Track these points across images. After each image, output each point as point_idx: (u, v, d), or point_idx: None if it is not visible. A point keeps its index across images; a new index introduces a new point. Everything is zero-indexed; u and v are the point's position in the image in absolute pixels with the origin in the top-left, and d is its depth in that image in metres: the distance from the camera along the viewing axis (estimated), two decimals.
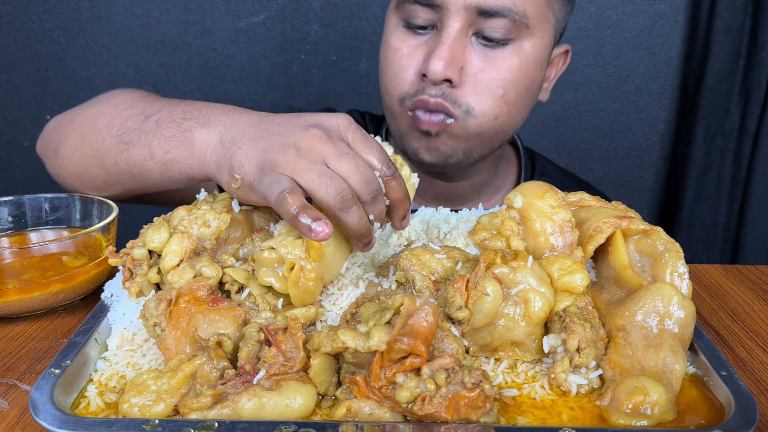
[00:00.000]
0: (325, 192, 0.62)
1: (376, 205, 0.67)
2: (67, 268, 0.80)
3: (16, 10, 1.75)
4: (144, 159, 0.81)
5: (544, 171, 1.24)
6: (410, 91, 1.00)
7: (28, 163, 1.90)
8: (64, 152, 0.94)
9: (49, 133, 1.01)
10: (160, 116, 0.81)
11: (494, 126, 1.01)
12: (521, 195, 0.73)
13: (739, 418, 0.55)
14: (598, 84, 1.84)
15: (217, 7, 1.76)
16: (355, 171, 0.65)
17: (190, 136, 0.75)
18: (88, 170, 0.91)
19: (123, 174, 0.86)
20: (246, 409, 0.55)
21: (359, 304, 0.66)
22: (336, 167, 0.64)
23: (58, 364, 0.61)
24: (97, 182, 0.92)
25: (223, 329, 0.61)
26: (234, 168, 0.67)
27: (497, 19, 0.94)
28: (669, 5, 1.76)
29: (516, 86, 0.99)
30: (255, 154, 0.66)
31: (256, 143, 0.67)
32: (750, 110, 1.70)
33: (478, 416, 0.55)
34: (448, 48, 0.95)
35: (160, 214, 0.76)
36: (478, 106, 0.98)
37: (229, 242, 0.74)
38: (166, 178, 0.81)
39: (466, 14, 0.94)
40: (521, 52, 0.98)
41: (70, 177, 0.96)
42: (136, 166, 0.83)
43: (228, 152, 0.69)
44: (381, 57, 1.06)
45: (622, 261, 0.67)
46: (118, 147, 0.84)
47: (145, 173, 0.83)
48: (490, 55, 0.97)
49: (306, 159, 0.64)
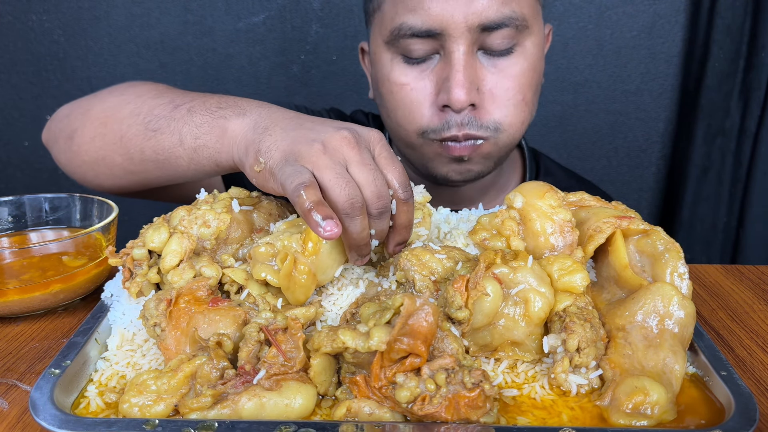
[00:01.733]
0: (338, 193, 0.63)
1: (381, 222, 0.67)
2: (67, 268, 0.81)
3: (16, 10, 1.75)
4: (173, 145, 0.81)
5: (549, 171, 1.24)
6: (431, 126, 0.98)
7: (28, 163, 1.90)
8: (81, 140, 0.93)
9: (61, 120, 0.99)
10: (192, 105, 0.82)
11: (522, 132, 1.02)
12: (521, 195, 0.73)
13: (739, 418, 0.55)
14: (598, 84, 1.84)
15: (217, 7, 1.76)
16: (371, 183, 0.65)
17: (224, 123, 0.76)
18: (108, 158, 0.90)
19: (148, 161, 0.85)
20: (246, 409, 0.55)
21: (359, 304, 0.66)
22: (355, 173, 0.65)
23: (58, 364, 0.61)
24: (116, 170, 0.90)
25: (223, 329, 0.61)
26: (260, 152, 0.69)
27: (501, 30, 0.93)
28: (669, 5, 1.76)
29: (530, 86, 0.99)
30: (284, 143, 0.68)
31: (287, 133, 0.69)
32: (750, 110, 1.70)
33: (478, 416, 0.55)
34: (463, 74, 0.93)
35: (160, 214, 0.76)
36: (505, 120, 0.98)
37: (229, 242, 0.74)
38: (194, 164, 0.81)
39: (469, 34, 0.92)
40: (526, 53, 0.98)
41: (86, 165, 0.94)
42: (163, 152, 0.83)
43: (258, 137, 0.70)
44: (383, 93, 1.02)
45: (622, 261, 0.67)
46: (145, 134, 0.84)
47: (172, 160, 0.83)
48: (499, 66, 0.96)
49: (329, 157, 0.65)
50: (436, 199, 1.14)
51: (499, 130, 0.98)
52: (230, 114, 0.77)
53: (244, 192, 0.81)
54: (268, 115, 0.74)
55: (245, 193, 0.81)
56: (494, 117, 0.97)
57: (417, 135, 1.00)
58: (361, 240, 0.66)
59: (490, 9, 0.91)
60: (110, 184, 0.94)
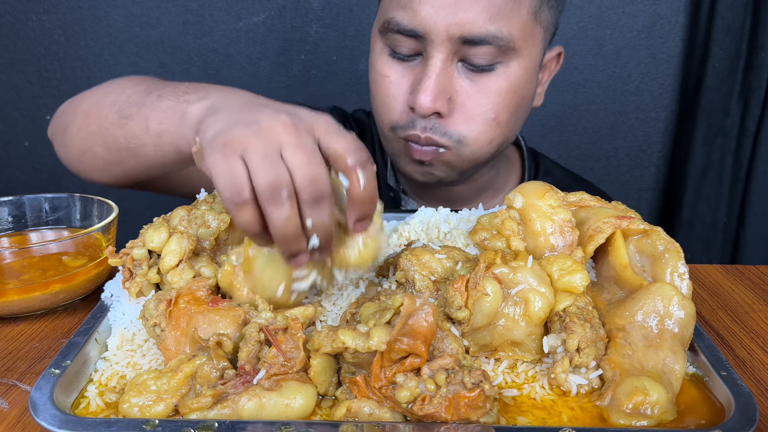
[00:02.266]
0: (260, 177, 0.56)
1: (316, 210, 0.58)
2: (67, 268, 0.81)
3: (16, 10, 1.75)
4: (140, 132, 0.80)
5: (548, 171, 1.23)
6: (400, 122, 0.99)
7: (28, 163, 1.90)
8: (71, 132, 0.93)
9: (59, 116, 1.00)
10: (163, 91, 0.80)
11: (489, 150, 1.01)
12: (521, 195, 0.73)
13: (739, 418, 0.55)
14: (598, 84, 1.84)
15: (217, 7, 1.76)
16: (304, 165, 0.57)
17: (186, 106, 0.73)
18: (91, 149, 0.90)
19: (122, 150, 0.84)
20: (246, 409, 0.55)
21: (359, 304, 0.66)
22: (287, 156, 0.58)
23: (58, 364, 0.61)
24: (99, 162, 0.90)
25: (222, 329, 0.61)
26: (199, 131, 0.65)
27: (482, 46, 0.91)
28: (669, 5, 1.76)
29: (507, 108, 0.97)
30: (220, 123, 0.63)
31: (232, 115, 0.64)
32: (750, 110, 1.70)
33: (478, 416, 0.55)
34: (434, 81, 0.92)
35: (160, 214, 0.76)
36: (470, 134, 0.97)
37: (229, 242, 0.74)
38: (159, 152, 0.79)
39: (450, 44, 0.92)
40: (509, 73, 0.95)
41: (74, 158, 0.95)
42: (133, 140, 0.81)
43: (205, 118, 0.67)
44: (370, 78, 1.04)
45: (622, 261, 0.67)
46: (119, 122, 0.83)
47: (140, 147, 0.81)
48: (478, 81, 0.95)
49: (261, 140, 0.58)
50: (433, 199, 1.14)
51: (462, 142, 0.97)
52: (194, 98, 0.74)
53: None
54: (227, 98, 0.71)
55: None
56: (459, 129, 0.96)
57: (388, 128, 1.02)
58: (288, 231, 0.58)
59: (474, 23, 0.90)
60: (98, 176, 0.93)
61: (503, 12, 0.91)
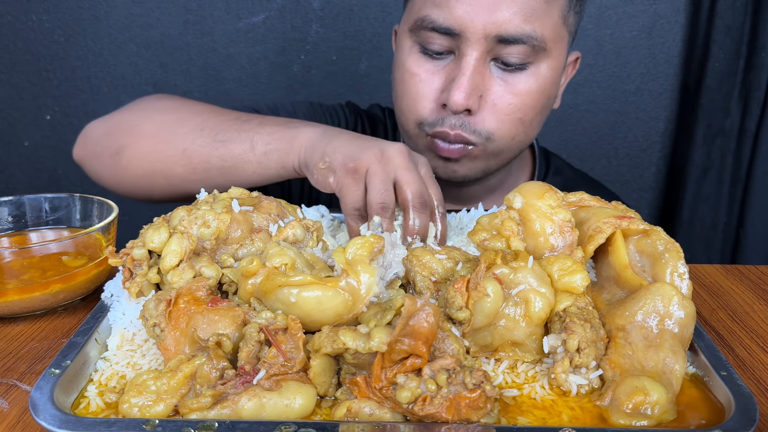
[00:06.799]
0: (374, 195, 0.77)
1: (422, 215, 0.77)
2: (67, 268, 0.80)
3: (16, 10, 1.75)
4: (243, 152, 0.93)
5: (558, 171, 1.24)
6: (429, 119, 1.00)
7: (28, 163, 1.90)
8: (133, 155, 1.01)
9: (101, 138, 1.05)
10: (263, 120, 0.96)
11: (511, 145, 1.03)
12: (521, 195, 0.73)
13: (739, 418, 0.55)
14: (598, 84, 1.84)
15: (217, 7, 1.76)
16: (416, 183, 0.78)
17: (296, 131, 0.90)
18: (167, 169, 0.99)
19: (212, 170, 0.96)
20: (246, 409, 0.55)
21: None
22: (402, 176, 0.78)
23: (58, 364, 0.61)
24: (175, 180, 0.99)
25: (222, 329, 0.61)
26: (326, 153, 0.83)
27: (517, 45, 0.93)
28: (669, 5, 1.76)
29: (533, 108, 1.00)
30: (346, 148, 0.82)
31: (351, 141, 0.83)
32: (750, 110, 1.70)
33: (479, 417, 0.55)
34: (468, 78, 0.94)
35: (160, 214, 0.76)
36: (497, 131, 0.99)
37: (229, 242, 0.74)
38: (260, 167, 0.92)
39: (485, 42, 0.93)
40: (539, 74, 0.98)
41: (137, 178, 1.02)
42: (231, 159, 0.94)
43: (324, 141, 0.85)
44: (396, 78, 1.05)
45: (622, 261, 0.67)
46: (213, 145, 0.95)
47: (240, 164, 0.93)
48: (508, 80, 0.97)
49: (382, 166, 0.79)
50: (444, 197, 1.14)
51: (490, 139, 1.00)
52: (301, 125, 0.91)
53: (244, 192, 0.81)
54: (333, 128, 0.89)
55: (245, 193, 0.81)
56: (488, 127, 0.99)
57: (414, 125, 1.03)
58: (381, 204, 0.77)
59: (510, 23, 0.92)
60: (161, 194, 1.02)
61: (538, 13, 0.93)
